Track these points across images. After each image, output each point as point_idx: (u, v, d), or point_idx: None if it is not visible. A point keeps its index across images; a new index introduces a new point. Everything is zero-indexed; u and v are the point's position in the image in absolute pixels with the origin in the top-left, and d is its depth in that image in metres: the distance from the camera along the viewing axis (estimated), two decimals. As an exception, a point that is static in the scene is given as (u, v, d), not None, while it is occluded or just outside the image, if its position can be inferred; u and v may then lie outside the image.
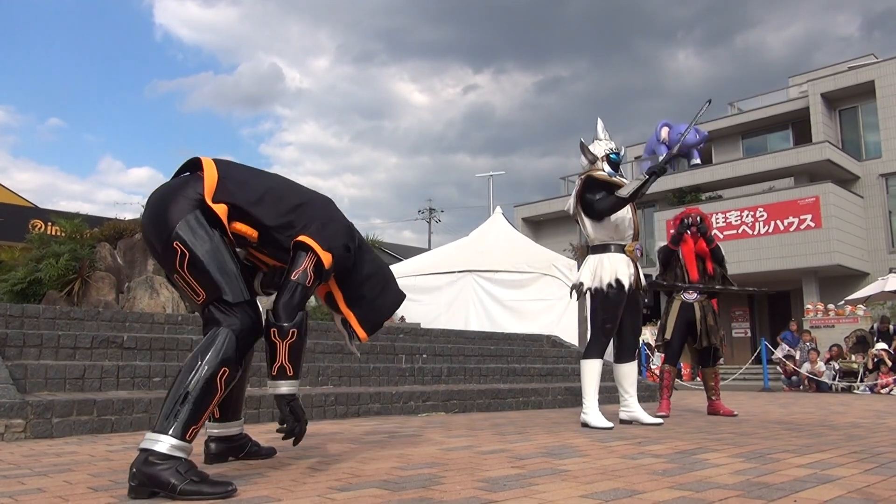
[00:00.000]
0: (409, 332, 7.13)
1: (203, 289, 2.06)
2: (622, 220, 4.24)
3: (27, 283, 7.18)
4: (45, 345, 4.03)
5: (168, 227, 2.07)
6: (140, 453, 1.86)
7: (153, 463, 1.83)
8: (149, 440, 1.87)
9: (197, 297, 2.09)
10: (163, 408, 1.93)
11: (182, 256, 2.05)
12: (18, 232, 11.21)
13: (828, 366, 11.65)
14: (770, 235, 19.09)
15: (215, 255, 2.08)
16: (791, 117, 22.73)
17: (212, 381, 1.95)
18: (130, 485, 1.84)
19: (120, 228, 8.02)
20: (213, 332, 2.02)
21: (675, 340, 5.54)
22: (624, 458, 2.68)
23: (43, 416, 3.16)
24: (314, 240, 2.19)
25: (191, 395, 1.92)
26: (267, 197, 2.23)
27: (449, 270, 12.37)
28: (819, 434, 3.80)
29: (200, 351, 1.99)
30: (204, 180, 2.16)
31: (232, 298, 2.06)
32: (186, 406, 1.91)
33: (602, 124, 4.54)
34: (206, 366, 1.95)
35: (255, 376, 4.57)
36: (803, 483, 2.14)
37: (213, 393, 1.97)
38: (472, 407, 5.20)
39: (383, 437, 3.37)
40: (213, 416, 2.42)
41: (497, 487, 2.03)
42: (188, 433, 1.90)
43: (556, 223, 26.07)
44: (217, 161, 2.26)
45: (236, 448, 2.50)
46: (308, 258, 2.18)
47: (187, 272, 2.06)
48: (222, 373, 1.98)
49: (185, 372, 1.96)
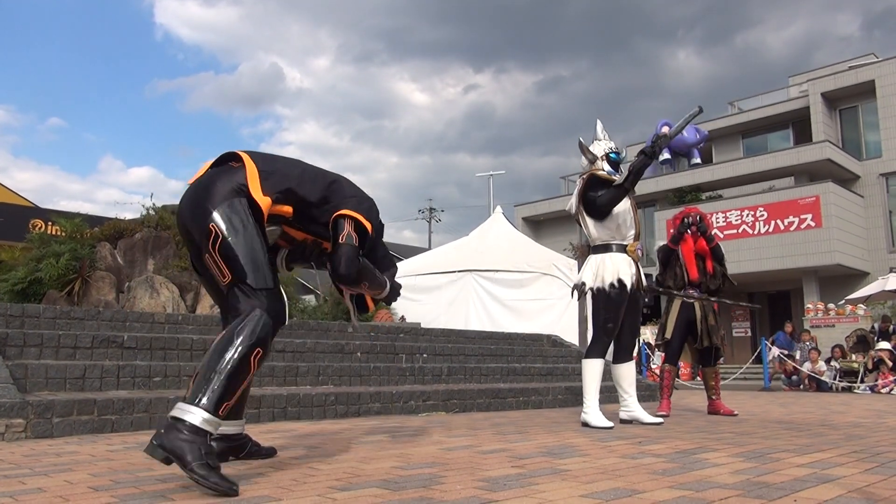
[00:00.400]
0: (410, 332, 7.13)
1: (230, 271, 2.13)
2: (623, 219, 4.23)
3: (27, 283, 7.18)
4: (46, 344, 4.03)
5: (207, 209, 2.17)
6: (170, 420, 1.89)
7: (181, 431, 1.87)
8: (180, 409, 1.91)
9: (223, 278, 2.16)
10: (194, 382, 1.97)
11: (216, 238, 2.13)
12: (19, 232, 11.21)
13: (829, 366, 11.64)
14: (770, 235, 19.10)
15: (249, 241, 2.16)
16: (791, 117, 22.75)
17: (245, 359, 2.00)
18: (151, 442, 1.87)
19: (120, 228, 8.02)
20: (248, 313, 2.08)
21: (676, 340, 5.55)
22: (624, 458, 2.68)
23: (43, 415, 3.16)
24: (357, 212, 2.38)
25: (225, 371, 1.96)
26: (305, 177, 2.39)
27: (449, 270, 12.37)
28: (819, 433, 3.80)
29: (236, 330, 2.03)
30: (246, 172, 2.27)
31: (256, 284, 2.13)
32: (220, 382, 1.94)
33: (601, 125, 4.54)
34: (241, 345, 2.00)
35: (261, 376, 4.58)
36: (803, 482, 2.14)
37: (247, 372, 2.02)
38: (472, 406, 5.20)
39: (383, 436, 3.37)
40: None
41: (497, 487, 2.03)
42: (221, 409, 1.94)
43: (557, 223, 26.07)
44: (251, 153, 2.38)
45: (236, 448, 2.51)
46: (348, 224, 2.36)
47: (218, 253, 2.14)
48: (256, 353, 2.03)
49: (219, 349, 2.00)
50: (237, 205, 2.20)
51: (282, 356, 5.07)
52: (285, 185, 2.32)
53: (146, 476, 2.15)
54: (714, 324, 5.48)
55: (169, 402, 3.62)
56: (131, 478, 2.12)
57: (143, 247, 7.92)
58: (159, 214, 8.16)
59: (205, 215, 2.17)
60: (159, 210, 8.28)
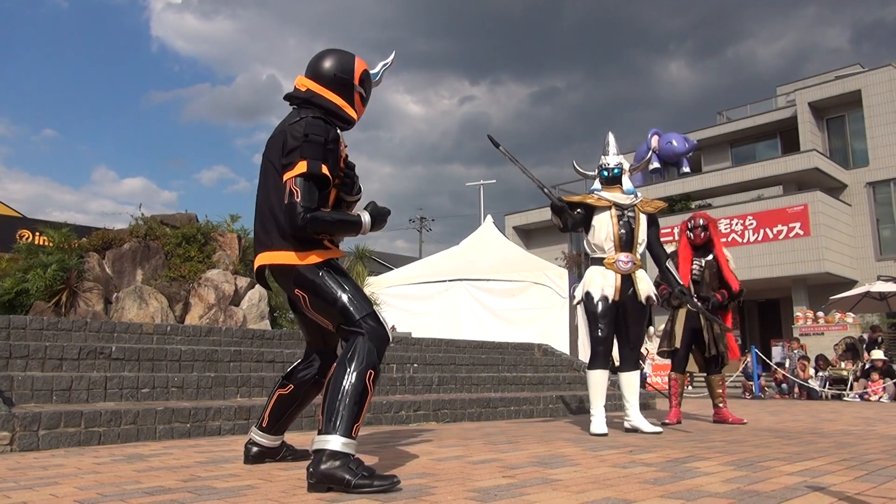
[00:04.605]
0: (400, 342, 7.10)
1: (330, 319, 2.35)
2: (600, 233, 4.46)
3: (14, 294, 7.10)
4: (32, 356, 3.99)
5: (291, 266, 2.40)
6: (314, 455, 2.10)
7: (327, 461, 2.07)
8: (319, 441, 2.11)
9: (330, 326, 2.39)
10: (323, 413, 2.17)
11: (310, 288, 2.35)
12: (6, 242, 11.10)
13: (815, 376, 11.71)
14: (759, 243, 19.20)
15: (349, 282, 2.37)
16: (779, 126, 22.92)
17: (361, 382, 2.19)
18: (309, 482, 2.09)
19: (109, 238, 7.95)
20: (352, 342, 2.26)
21: (682, 348, 5.55)
22: (615, 467, 2.68)
23: (29, 428, 3.13)
24: (296, 166, 2.36)
25: (347, 397, 2.15)
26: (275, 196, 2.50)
27: (440, 279, 12.35)
28: (809, 442, 3.81)
29: (346, 359, 2.23)
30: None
31: (359, 314, 2.30)
32: (346, 408, 2.14)
33: (612, 137, 4.79)
34: (355, 370, 2.19)
35: (251, 387, 4.55)
36: (794, 491, 2.14)
37: (366, 393, 2.20)
38: (462, 416, 5.18)
39: (374, 447, 3.35)
40: (261, 425, 2.64)
41: (488, 497, 2.02)
42: (353, 430, 2.13)
43: (547, 232, 26.06)
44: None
45: (272, 452, 2.72)
46: (290, 183, 2.35)
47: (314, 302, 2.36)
48: (369, 374, 2.21)
49: (335, 380, 2.19)
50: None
51: (271, 366, 5.04)
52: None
53: (133, 489, 2.12)
54: (720, 332, 5.48)
55: (157, 414, 3.59)
56: (118, 491, 2.09)
57: (131, 257, 7.86)
58: (148, 225, 8.10)
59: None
60: (148, 220, 8.22)
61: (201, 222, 8.56)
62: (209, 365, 4.70)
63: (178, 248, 7.93)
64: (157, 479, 2.31)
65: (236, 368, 4.83)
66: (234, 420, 3.90)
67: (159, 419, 3.61)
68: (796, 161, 20.25)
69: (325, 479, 2.06)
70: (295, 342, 5.89)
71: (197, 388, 4.30)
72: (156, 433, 3.56)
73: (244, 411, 3.94)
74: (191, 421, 3.72)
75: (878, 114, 20.28)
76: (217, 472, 2.49)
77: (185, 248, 7.95)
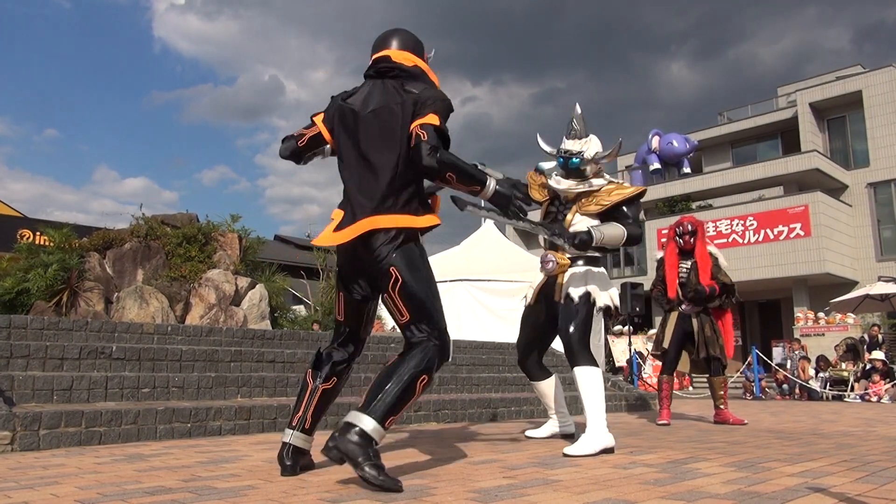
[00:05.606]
0: (401, 342, 7.10)
1: (411, 311, 2.36)
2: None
3: (15, 294, 7.11)
4: (33, 356, 3.99)
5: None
6: (344, 426, 2.14)
7: (354, 437, 2.10)
8: (354, 416, 2.15)
9: (402, 317, 2.38)
10: (368, 393, 2.21)
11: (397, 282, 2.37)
12: (6, 242, 11.12)
13: (816, 377, 11.70)
14: (760, 244, 19.19)
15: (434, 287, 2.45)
16: (780, 127, 22.92)
17: (413, 383, 2.23)
18: (327, 445, 2.13)
19: (109, 238, 7.96)
20: (424, 346, 2.30)
21: (672, 350, 5.56)
22: (616, 468, 2.68)
23: (30, 427, 3.13)
24: (433, 115, 2.48)
25: (395, 390, 2.19)
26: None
27: (441, 279, 12.31)
28: (810, 442, 3.81)
29: (411, 356, 2.28)
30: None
31: (439, 324, 2.38)
32: (391, 399, 2.17)
33: (578, 110, 3.89)
34: (413, 369, 2.24)
35: (252, 387, 4.55)
36: (795, 492, 2.14)
37: (412, 394, 2.24)
38: (463, 417, 5.18)
39: (374, 447, 3.34)
40: (305, 427, 2.49)
41: (489, 498, 2.01)
42: (387, 422, 2.17)
43: (548, 232, 26.04)
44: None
45: (305, 454, 2.53)
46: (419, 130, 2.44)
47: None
48: (422, 379, 2.26)
49: (392, 370, 2.24)
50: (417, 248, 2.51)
51: (272, 366, 5.04)
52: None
53: (134, 489, 2.12)
54: (711, 335, 5.49)
55: (158, 413, 3.59)
56: (119, 490, 2.09)
57: (132, 257, 7.87)
58: (149, 224, 8.11)
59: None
60: (149, 220, 8.23)
61: (202, 222, 8.57)
62: (210, 365, 4.70)
63: (178, 248, 7.94)
64: (158, 478, 2.31)
65: (237, 368, 4.83)
66: (235, 420, 3.90)
67: (160, 419, 3.61)
68: (797, 162, 20.25)
69: (344, 452, 2.09)
70: (295, 342, 5.89)
71: (197, 388, 4.30)
72: (156, 433, 3.56)
73: (245, 411, 3.94)
74: (191, 421, 3.72)
75: (878, 114, 20.28)
76: (218, 472, 2.49)
77: (185, 248, 7.95)
